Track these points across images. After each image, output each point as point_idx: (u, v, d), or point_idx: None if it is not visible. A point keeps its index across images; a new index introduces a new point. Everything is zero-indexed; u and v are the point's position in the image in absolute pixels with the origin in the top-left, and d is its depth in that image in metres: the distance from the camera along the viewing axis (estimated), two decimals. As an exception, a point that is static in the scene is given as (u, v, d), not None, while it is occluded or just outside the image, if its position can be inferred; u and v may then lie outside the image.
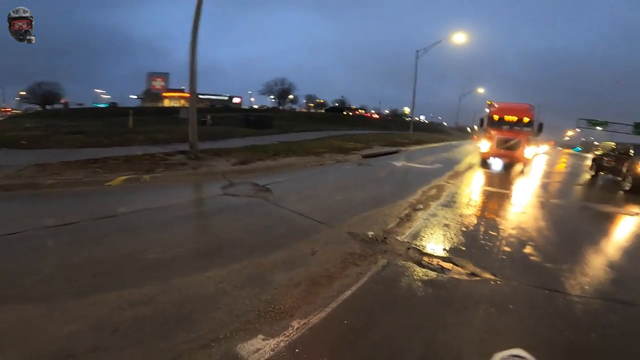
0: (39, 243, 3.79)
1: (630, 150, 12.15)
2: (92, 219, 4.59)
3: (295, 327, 2.58)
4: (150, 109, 47.62)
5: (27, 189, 5.79)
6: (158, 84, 71.72)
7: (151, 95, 70.10)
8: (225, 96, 77.34)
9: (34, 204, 5.29)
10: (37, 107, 56.59)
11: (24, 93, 58.06)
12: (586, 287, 3.66)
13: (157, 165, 8.00)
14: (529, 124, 14.33)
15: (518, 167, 14.17)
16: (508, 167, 14.46)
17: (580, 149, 58.46)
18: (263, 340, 2.41)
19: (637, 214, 7.94)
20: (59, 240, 3.87)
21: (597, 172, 14.95)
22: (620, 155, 12.83)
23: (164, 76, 72.35)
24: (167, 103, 67.09)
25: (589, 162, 17.68)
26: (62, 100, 61.65)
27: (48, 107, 57.11)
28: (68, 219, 4.47)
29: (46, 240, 3.87)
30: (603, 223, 7.07)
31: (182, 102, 58.91)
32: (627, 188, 11.03)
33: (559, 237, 5.54)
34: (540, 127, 14.37)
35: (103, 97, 71.39)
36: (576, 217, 7.42)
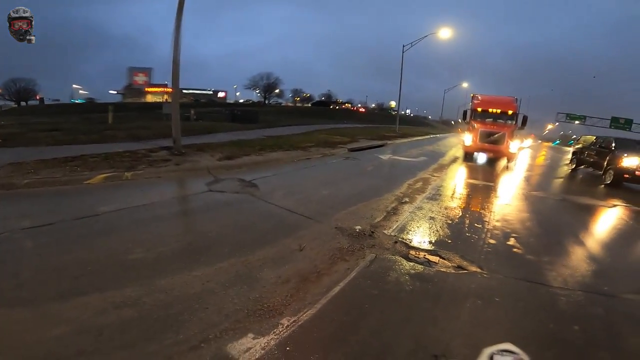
0: (16, 245, 3.63)
1: (612, 144, 12.22)
2: (71, 219, 4.43)
3: (285, 325, 2.56)
4: (132, 104, 46.35)
5: (2, 189, 5.54)
6: (140, 79, 69.53)
7: (133, 90, 67.99)
8: (209, 91, 75.88)
9: (10, 204, 5.07)
10: (12, 104, 54.35)
11: (-1, 89, 55.61)
12: (568, 279, 3.77)
13: (139, 162, 7.78)
14: (513, 116, 14.02)
15: (503, 162, 13.91)
16: (492, 161, 14.33)
17: (559, 142, 60.18)
18: (253, 339, 2.39)
19: (615, 205, 8.23)
20: (37, 242, 3.72)
21: (577, 165, 15.02)
22: (601, 149, 12.88)
23: (147, 71, 70.18)
24: (149, 99, 65.31)
25: (568, 156, 17.99)
26: (38, 97, 59.32)
27: (23, 103, 54.94)
28: (46, 219, 4.31)
29: (24, 242, 3.71)
30: (585, 216, 7.29)
31: (166, 97, 57.45)
32: (608, 182, 11.18)
33: (541, 229, 5.69)
34: (525, 120, 13.96)
35: (80, 92, 68.98)
36: (559, 210, 7.63)
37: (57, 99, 61.98)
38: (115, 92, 68.30)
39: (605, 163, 11.86)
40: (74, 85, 70.48)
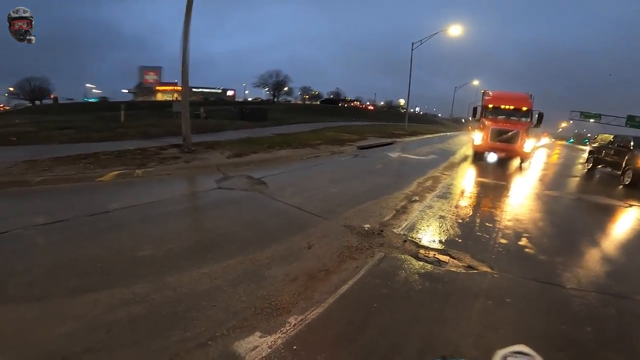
0: (28, 242, 3.70)
1: (631, 144, 11.70)
2: (83, 216, 4.50)
3: (293, 324, 2.55)
4: (143, 103, 46.95)
5: (16, 187, 5.66)
6: (151, 77, 70.50)
7: (144, 89, 68.96)
8: (218, 89, 76.39)
9: (24, 201, 5.17)
10: (27, 103, 55.56)
11: (13, 89, 56.84)
12: (581, 280, 3.67)
13: (149, 159, 7.88)
14: (527, 113, 13.10)
15: (516, 162, 13.25)
16: (505, 160, 13.53)
17: (572, 140, 58.97)
18: (260, 337, 2.38)
19: (631, 206, 8.00)
20: (49, 239, 3.79)
21: (594, 165, 14.38)
22: (619, 148, 12.32)
23: (157, 70, 71.08)
24: (160, 97, 66.09)
25: (584, 155, 17.34)
26: (52, 96, 60.49)
27: (37, 102, 56.12)
28: (58, 216, 4.38)
29: (36, 238, 3.78)
30: (600, 216, 7.09)
31: (176, 95, 58.04)
32: (627, 182, 10.73)
33: (555, 229, 5.56)
34: (541, 118, 12.81)
35: (94, 91, 70.21)
36: (574, 211, 7.46)
37: (71, 97, 63.03)
38: (127, 91, 69.31)
39: (624, 163, 11.38)
40: (87, 84, 71.80)
